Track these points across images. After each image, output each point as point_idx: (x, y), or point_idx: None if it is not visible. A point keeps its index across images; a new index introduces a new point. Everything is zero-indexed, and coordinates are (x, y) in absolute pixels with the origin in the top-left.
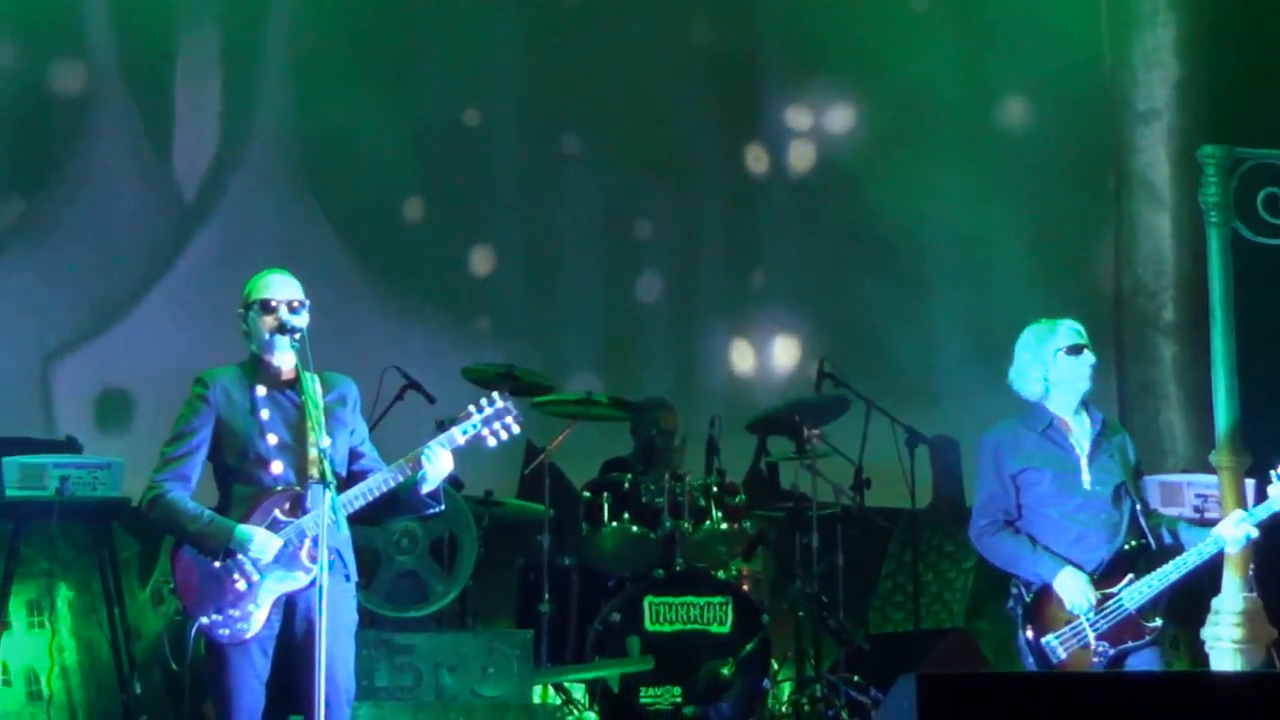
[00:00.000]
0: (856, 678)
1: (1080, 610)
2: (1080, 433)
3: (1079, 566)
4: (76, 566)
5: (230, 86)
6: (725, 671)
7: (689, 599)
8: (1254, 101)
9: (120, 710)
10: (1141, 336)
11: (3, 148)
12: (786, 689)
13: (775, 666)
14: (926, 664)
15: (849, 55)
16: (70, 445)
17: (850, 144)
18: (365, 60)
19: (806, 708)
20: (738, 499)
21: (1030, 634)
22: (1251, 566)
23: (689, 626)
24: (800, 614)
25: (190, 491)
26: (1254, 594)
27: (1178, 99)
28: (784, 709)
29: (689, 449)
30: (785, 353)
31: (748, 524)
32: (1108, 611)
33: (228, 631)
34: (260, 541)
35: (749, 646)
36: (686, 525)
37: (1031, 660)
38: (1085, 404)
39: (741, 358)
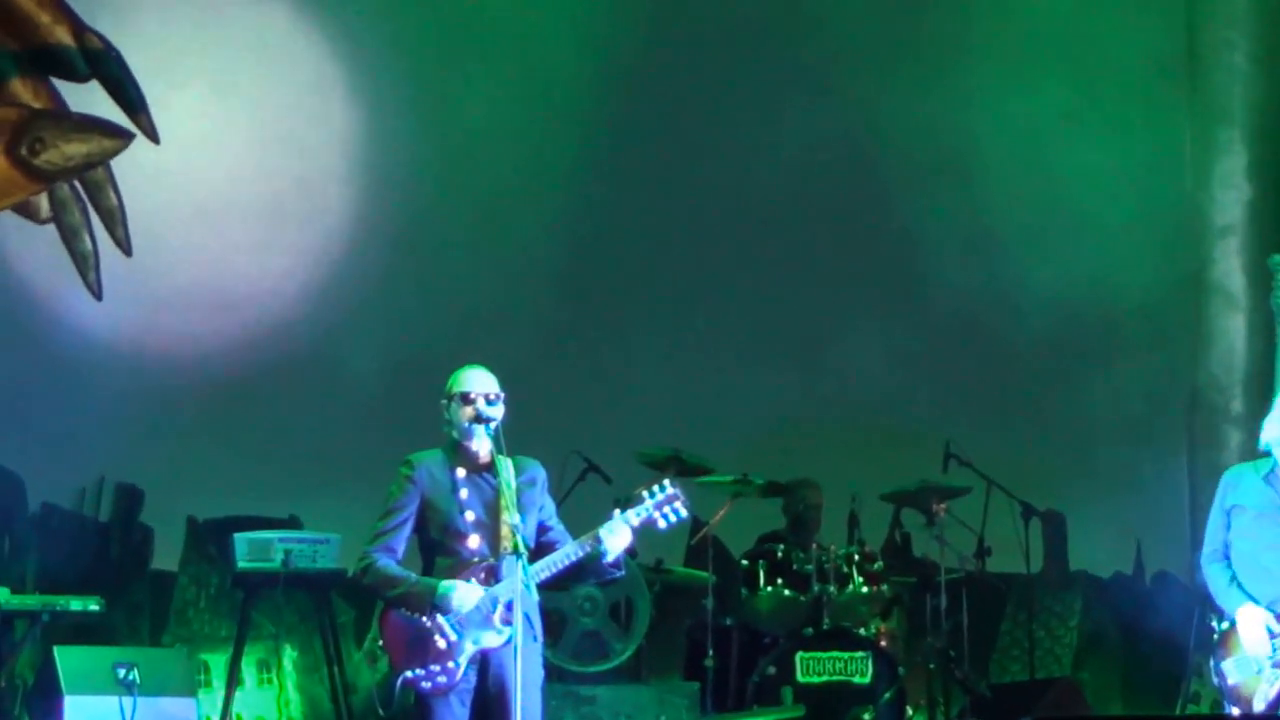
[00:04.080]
0: None
1: (1252, 644)
2: None
3: (1258, 600)
4: (300, 630)
5: None
6: (867, 717)
7: (835, 654)
8: None
9: None
10: (1212, 425)
11: None
12: None
13: (910, 712)
14: (1040, 709)
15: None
16: (293, 523)
17: None
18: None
19: None
20: (876, 566)
21: (1217, 658)
22: None
23: (835, 678)
24: (931, 666)
25: (398, 562)
26: None
27: (1250, 216)
28: None
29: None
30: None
31: (885, 588)
32: None
33: (430, 684)
34: (461, 593)
35: (887, 695)
36: (832, 589)
37: (1215, 681)
38: None
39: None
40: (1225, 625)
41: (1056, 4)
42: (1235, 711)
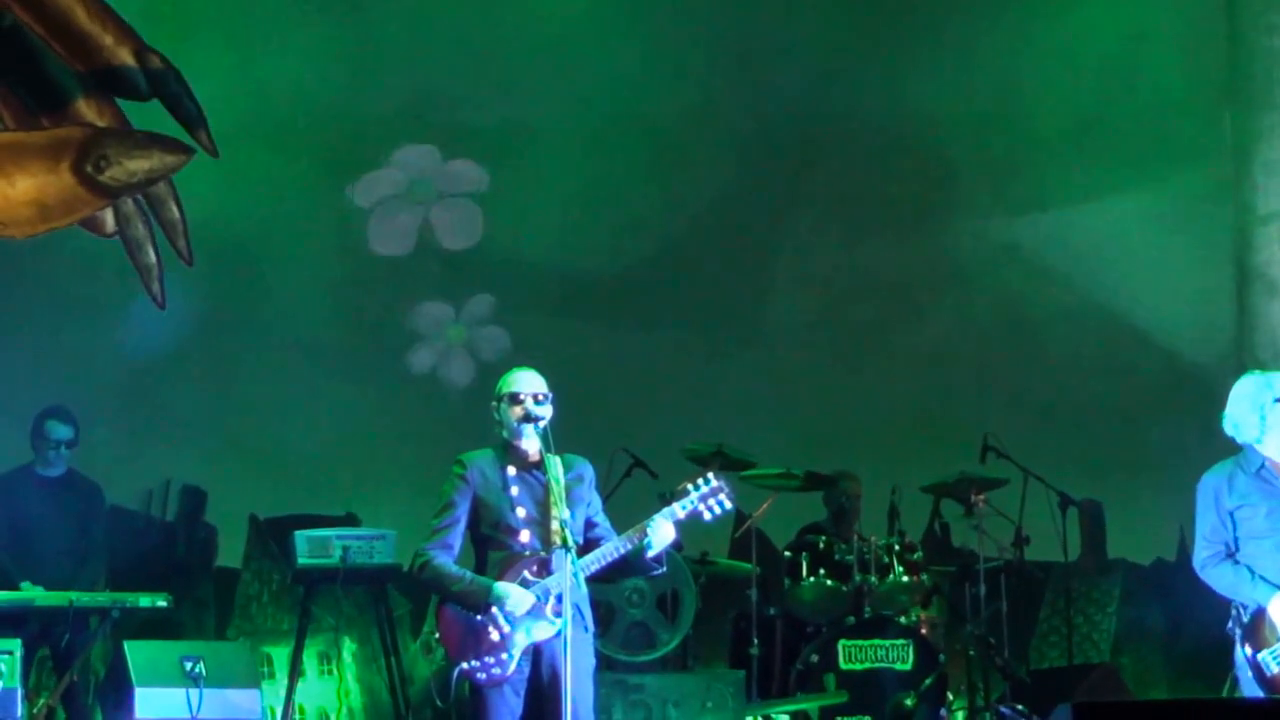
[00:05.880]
0: (1020, 706)
1: None
2: None
3: None
4: (358, 623)
5: None
6: (909, 703)
7: (876, 641)
8: None
9: None
10: None
11: None
12: (960, 717)
13: (951, 698)
14: (1079, 694)
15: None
16: (350, 520)
17: None
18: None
19: None
20: (916, 555)
21: (1249, 651)
22: None
23: (877, 665)
24: (971, 653)
25: (454, 558)
26: None
27: None
28: None
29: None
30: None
31: (925, 577)
32: None
33: (485, 675)
34: (515, 597)
35: (928, 681)
36: (873, 579)
37: (1250, 674)
38: None
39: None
40: (1249, 615)
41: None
42: None
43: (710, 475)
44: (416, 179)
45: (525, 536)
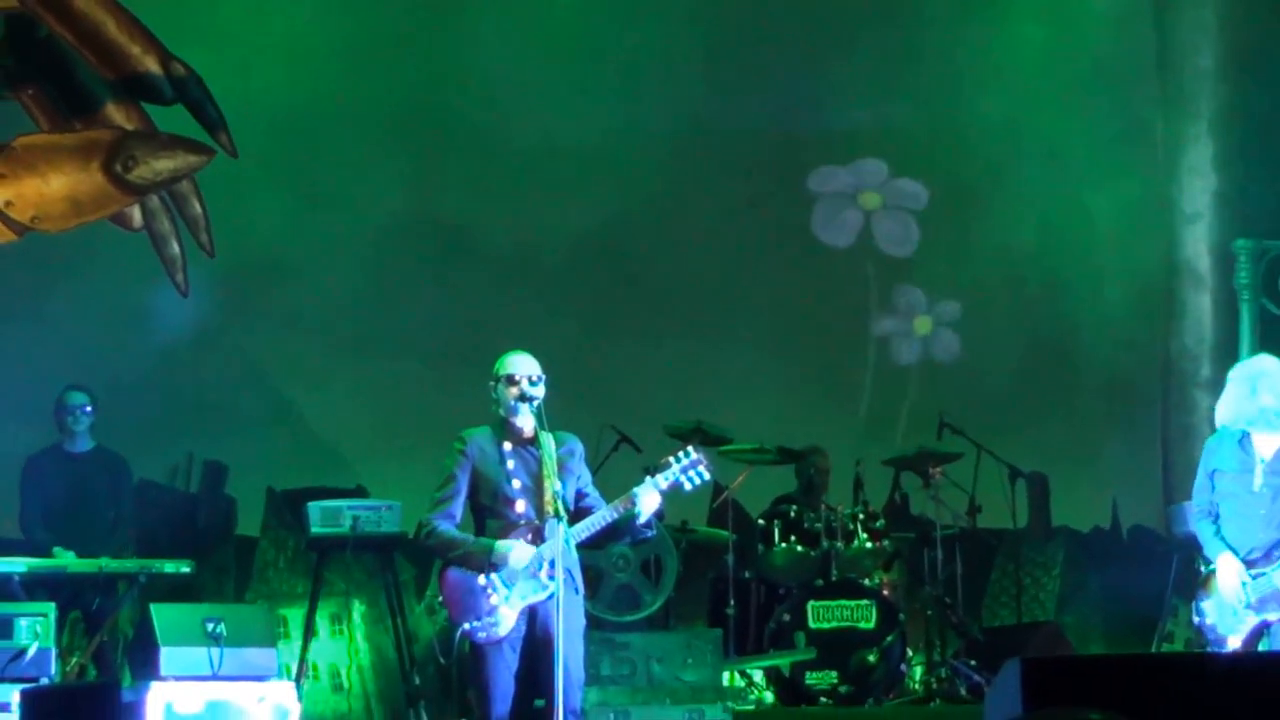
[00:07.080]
0: (972, 662)
1: (1226, 589)
2: (1265, 446)
3: (1237, 551)
4: (367, 587)
5: None
6: (871, 659)
7: (842, 602)
8: (1278, 204)
9: (403, 697)
10: (1183, 391)
11: None
12: (919, 671)
13: (910, 654)
14: (1027, 650)
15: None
16: (359, 491)
17: None
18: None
19: (934, 685)
20: (878, 524)
21: (1199, 599)
22: None
23: (843, 624)
24: (929, 612)
25: (455, 527)
26: None
27: (1216, 204)
28: (917, 687)
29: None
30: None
31: (887, 543)
32: (1258, 586)
33: (484, 634)
34: (516, 553)
35: (889, 639)
36: (840, 545)
37: (1196, 620)
38: None
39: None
40: (1206, 570)
41: (1046, 18)
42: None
43: (689, 449)
44: (864, 186)
45: (521, 506)
